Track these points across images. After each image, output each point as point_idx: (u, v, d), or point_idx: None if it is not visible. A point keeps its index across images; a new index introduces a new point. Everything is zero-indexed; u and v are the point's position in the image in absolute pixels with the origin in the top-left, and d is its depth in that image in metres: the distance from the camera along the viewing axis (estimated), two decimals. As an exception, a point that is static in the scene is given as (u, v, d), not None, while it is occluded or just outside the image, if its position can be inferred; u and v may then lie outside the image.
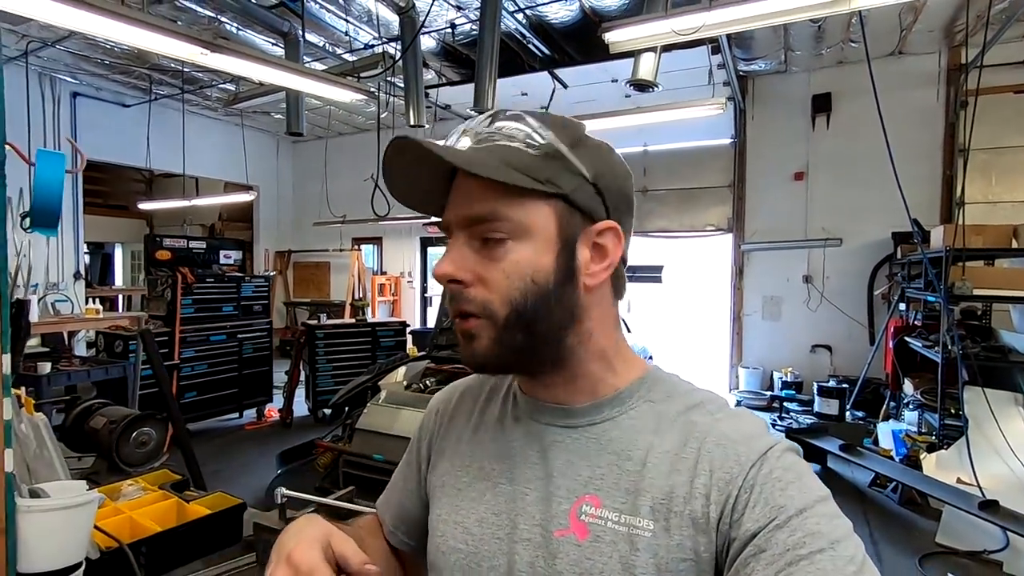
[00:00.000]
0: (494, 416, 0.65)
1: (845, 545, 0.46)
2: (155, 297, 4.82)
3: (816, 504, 0.48)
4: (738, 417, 0.57)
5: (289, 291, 10.51)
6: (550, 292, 0.54)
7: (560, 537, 0.54)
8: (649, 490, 0.53)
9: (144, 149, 7.39)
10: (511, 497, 0.59)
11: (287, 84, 3.01)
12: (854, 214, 6.27)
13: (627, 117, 4.12)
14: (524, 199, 0.53)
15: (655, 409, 0.58)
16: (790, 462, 0.52)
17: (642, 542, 0.51)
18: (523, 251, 0.54)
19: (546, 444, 0.59)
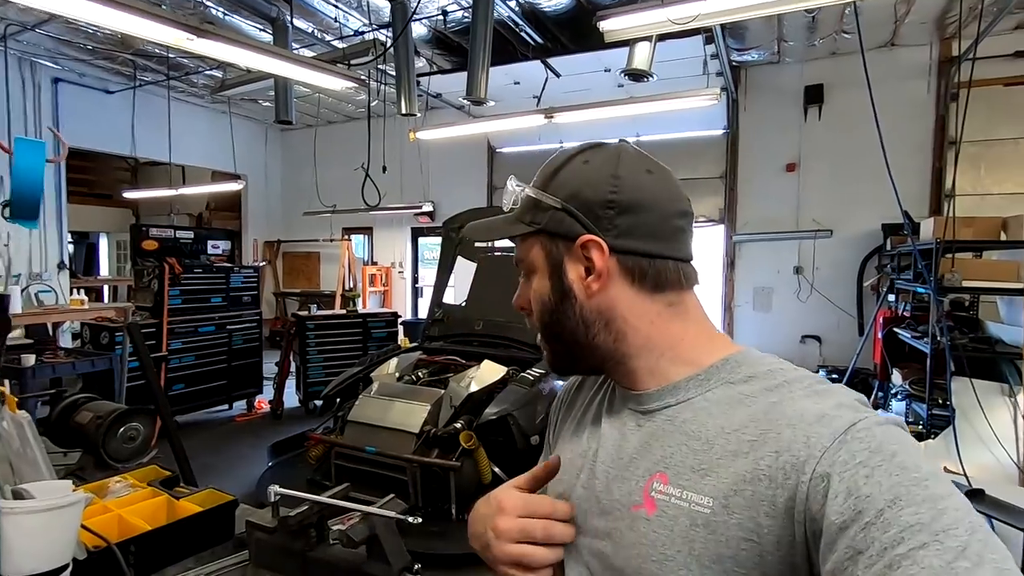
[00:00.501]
0: (598, 402, 0.72)
1: (954, 533, 0.40)
2: (142, 288, 4.74)
3: (912, 489, 0.43)
4: (823, 395, 0.55)
5: (279, 281, 10.41)
6: (555, 308, 0.65)
7: (635, 512, 0.59)
8: (715, 469, 0.54)
9: (129, 137, 7.25)
10: (596, 473, 0.65)
11: (275, 71, 2.95)
12: (845, 205, 6.30)
13: (619, 107, 4.09)
14: (525, 243, 0.67)
15: (733, 390, 0.59)
16: (879, 441, 0.47)
17: (701, 518, 0.53)
18: (536, 281, 0.67)
19: (628, 427, 0.65)
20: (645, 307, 0.64)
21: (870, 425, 0.49)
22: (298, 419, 5.23)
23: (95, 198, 11.04)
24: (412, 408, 3.30)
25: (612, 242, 0.62)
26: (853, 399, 0.54)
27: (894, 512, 0.43)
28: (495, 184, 8.40)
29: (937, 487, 0.44)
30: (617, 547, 0.60)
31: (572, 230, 0.63)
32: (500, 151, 8.33)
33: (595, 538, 0.63)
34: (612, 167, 0.64)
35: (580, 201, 0.63)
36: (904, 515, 0.42)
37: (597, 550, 0.62)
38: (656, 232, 0.63)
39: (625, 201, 0.62)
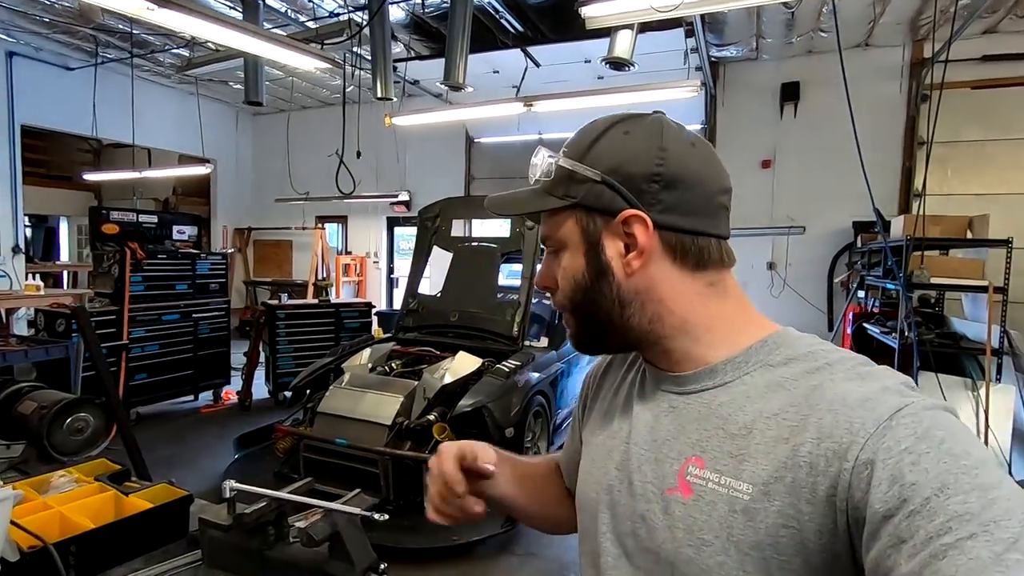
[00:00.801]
0: (629, 382, 0.71)
1: (1005, 525, 0.38)
2: (101, 273, 4.53)
3: (961, 477, 0.42)
4: (866, 378, 0.52)
5: (249, 270, 10.15)
6: (589, 287, 0.63)
7: (669, 495, 0.58)
8: (754, 455, 0.53)
9: (90, 116, 6.93)
10: (629, 455, 0.64)
11: (243, 47, 2.82)
12: (817, 202, 6.40)
13: (599, 97, 4.05)
14: (556, 217, 0.64)
15: (772, 373, 0.57)
16: (926, 427, 0.45)
17: (740, 504, 0.52)
18: (567, 258, 0.64)
19: (661, 409, 0.63)
20: (685, 286, 0.62)
21: (917, 410, 0.47)
22: (267, 410, 5.10)
23: (54, 180, 10.58)
24: (384, 399, 3.23)
25: (656, 217, 0.60)
26: (899, 382, 0.52)
27: (941, 501, 0.41)
28: (473, 174, 8.30)
29: (988, 476, 0.42)
30: (652, 530, 0.59)
31: (613, 204, 0.61)
32: (478, 141, 8.23)
33: (629, 520, 0.62)
34: (657, 139, 0.61)
35: (623, 174, 0.60)
36: (952, 504, 0.40)
37: (631, 531, 0.62)
38: (700, 208, 0.61)
39: (671, 175, 0.60)
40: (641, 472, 0.62)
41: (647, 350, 0.66)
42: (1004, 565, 0.36)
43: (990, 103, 5.72)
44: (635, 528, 0.61)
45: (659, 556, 0.58)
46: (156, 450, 4.16)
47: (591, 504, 0.67)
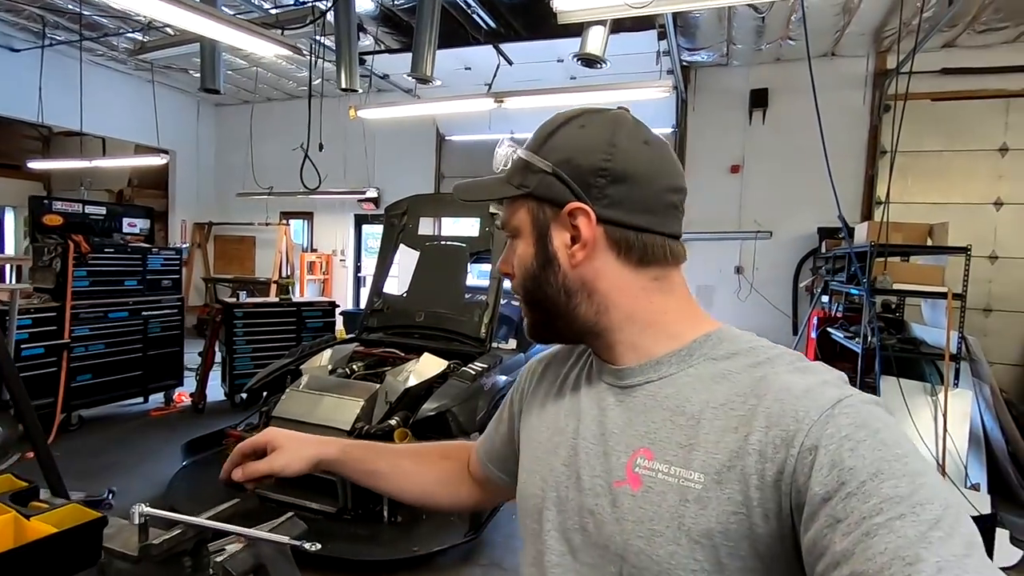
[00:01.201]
0: (574, 377, 0.71)
1: (929, 507, 0.42)
2: (41, 267, 4.24)
3: (894, 463, 0.45)
4: (807, 371, 0.55)
5: (209, 266, 9.78)
6: (537, 275, 0.64)
7: (618, 488, 0.58)
8: (703, 445, 0.54)
9: (36, 101, 6.53)
10: (576, 451, 0.63)
11: (197, 29, 2.64)
12: (784, 208, 6.49)
13: (571, 94, 3.98)
14: (513, 206, 0.66)
15: (716, 366, 0.59)
16: (864, 417, 0.48)
17: (692, 494, 0.53)
18: (520, 246, 0.65)
19: (608, 403, 0.64)
20: (629, 280, 0.63)
21: (855, 402, 0.50)
22: (222, 413, 4.87)
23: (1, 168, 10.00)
24: (343, 403, 3.09)
25: (600, 212, 0.61)
26: (835, 377, 0.55)
27: (875, 484, 0.43)
28: (443, 172, 8.17)
29: (916, 464, 0.45)
30: (600, 524, 0.59)
31: (561, 196, 0.62)
32: (449, 139, 8.10)
33: (577, 515, 0.62)
34: (608, 134, 0.62)
35: (572, 167, 0.61)
36: (884, 487, 0.43)
37: (579, 527, 0.61)
38: (647, 205, 0.62)
39: (618, 171, 0.61)
40: (589, 466, 0.62)
41: (594, 342, 0.66)
42: (927, 542, 0.39)
43: (949, 115, 5.89)
44: (583, 523, 0.61)
45: (607, 550, 0.58)
46: (101, 455, 3.93)
47: (536, 502, 0.67)
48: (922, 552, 0.39)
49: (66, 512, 1.11)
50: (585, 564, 0.60)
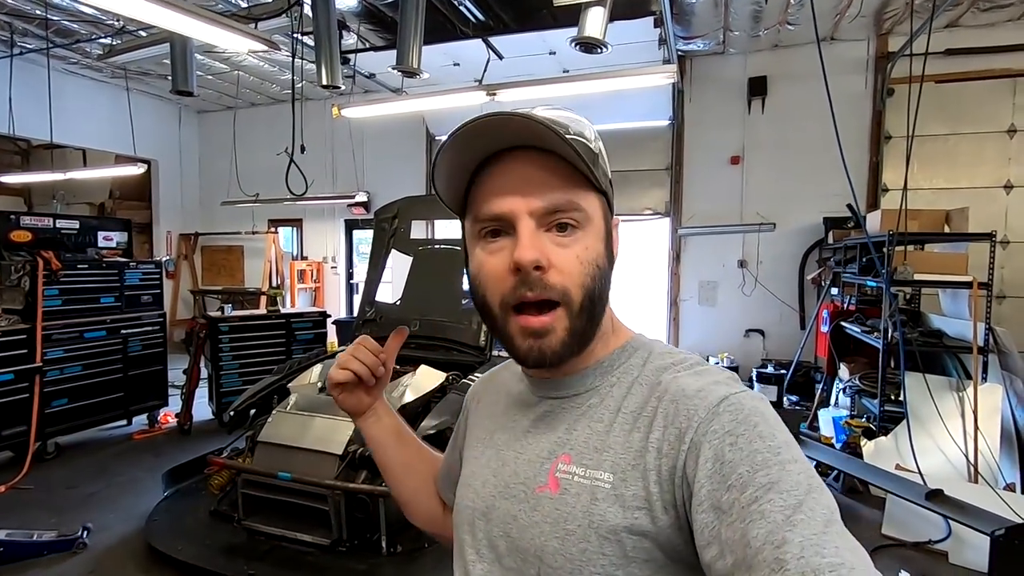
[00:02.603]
0: (512, 395, 0.74)
1: (794, 493, 0.46)
2: (9, 287, 3.97)
3: (768, 456, 0.49)
4: (701, 374, 0.59)
5: (197, 278, 9.50)
6: (607, 276, 0.63)
7: (540, 492, 0.61)
8: (612, 447, 0.58)
9: (6, 112, 6.25)
10: (506, 461, 0.67)
11: (158, 21, 2.40)
12: (787, 199, 6.30)
13: (567, 85, 3.76)
14: (589, 191, 0.61)
15: (631, 375, 0.63)
16: (746, 413, 0.53)
17: (601, 492, 0.56)
18: (589, 238, 0.60)
19: (538, 415, 0.67)
20: None
21: (739, 399, 0.54)
22: (210, 434, 4.62)
23: (-24, 184, 9.69)
24: (335, 424, 2.85)
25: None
26: (727, 377, 0.59)
27: (751, 476, 0.48)
28: (434, 174, 7.93)
29: (788, 453, 0.49)
30: (522, 528, 0.61)
31: (612, 207, 0.65)
32: (439, 138, 7.87)
33: (502, 523, 0.63)
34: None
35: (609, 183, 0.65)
36: (758, 477, 0.47)
37: (504, 533, 0.63)
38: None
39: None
40: (516, 474, 0.64)
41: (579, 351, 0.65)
42: (792, 524, 0.44)
43: (954, 98, 5.70)
44: (507, 530, 0.63)
45: (527, 553, 0.60)
46: (76, 487, 3.68)
47: (468, 514, 0.68)
48: (787, 535, 0.43)
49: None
50: (509, 569, 0.62)
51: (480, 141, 0.59)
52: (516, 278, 0.58)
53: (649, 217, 6.95)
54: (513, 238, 0.58)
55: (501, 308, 0.60)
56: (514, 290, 0.58)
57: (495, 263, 0.60)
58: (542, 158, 0.59)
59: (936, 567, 2.84)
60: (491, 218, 0.60)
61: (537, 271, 0.57)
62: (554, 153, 0.58)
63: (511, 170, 0.59)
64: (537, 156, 0.59)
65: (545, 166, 0.58)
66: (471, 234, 0.63)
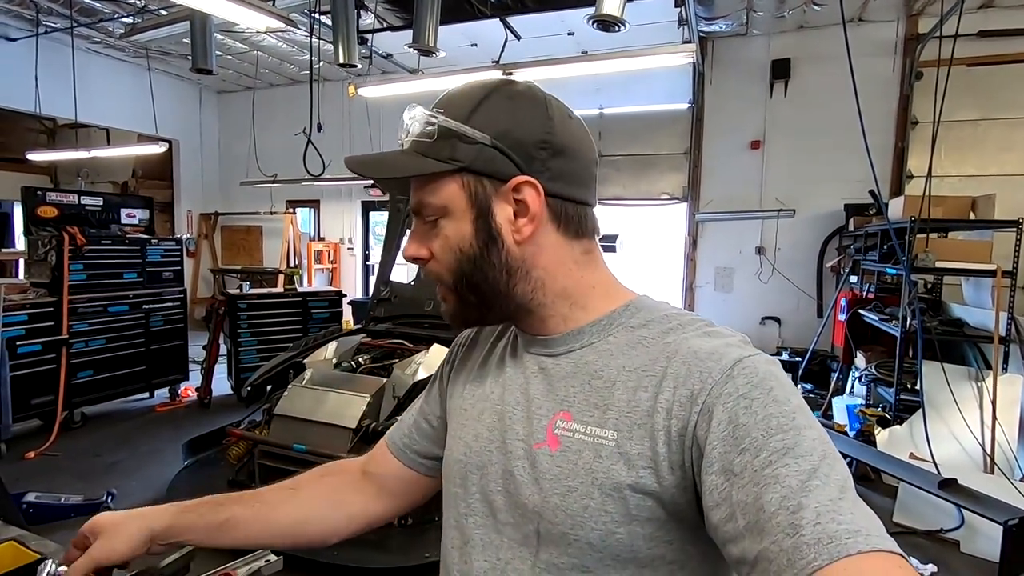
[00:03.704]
0: (499, 349, 0.73)
1: (809, 459, 0.46)
2: (36, 261, 4.09)
3: (783, 420, 0.49)
4: (712, 335, 0.59)
5: (217, 257, 9.66)
6: (477, 256, 0.62)
7: (537, 449, 0.61)
8: (616, 405, 0.58)
9: (33, 91, 6.37)
10: (501, 416, 0.66)
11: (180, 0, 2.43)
12: (807, 185, 6.18)
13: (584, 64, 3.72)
14: (437, 182, 0.61)
15: (633, 334, 0.62)
16: (760, 376, 0.52)
17: (605, 450, 0.57)
18: (448, 227, 0.62)
19: (532, 371, 0.66)
20: (565, 254, 0.64)
21: (754, 362, 0.54)
22: (229, 408, 4.74)
23: (7, 163, 9.91)
24: (349, 399, 2.90)
25: (545, 184, 0.61)
26: (739, 339, 0.59)
27: (765, 440, 0.48)
28: (451, 156, 7.92)
29: (802, 419, 0.49)
30: (520, 485, 0.61)
31: (504, 169, 0.60)
32: (456, 121, 7.83)
33: (500, 478, 0.64)
34: (543, 108, 0.62)
35: (512, 140, 0.60)
36: (773, 441, 0.47)
37: (502, 488, 0.63)
38: (581, 177, 0.64)
39: (558, 144, 0.61)
40: (513, 430, 0.64)
41: (524, 318, 0.66)
42: (808, 490, 0.44)
43: (985, 82, 5.52)
44: (505, 485, 0.63)
45: (526, 508, 0.60)
46: (103, 455, 3.81)
47: (460, 467, 0.68)
48: (803, 500, 0.43)
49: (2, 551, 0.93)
50: (506, 524, 0.63)
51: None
52: None
53: (666, 202, 6.88)
54: None
55: None
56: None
57: None
58: None
59: (947, 556, 2.83)
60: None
61: (419, 262, 0.65)
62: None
63: None
64: None
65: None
66: None
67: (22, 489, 2.94)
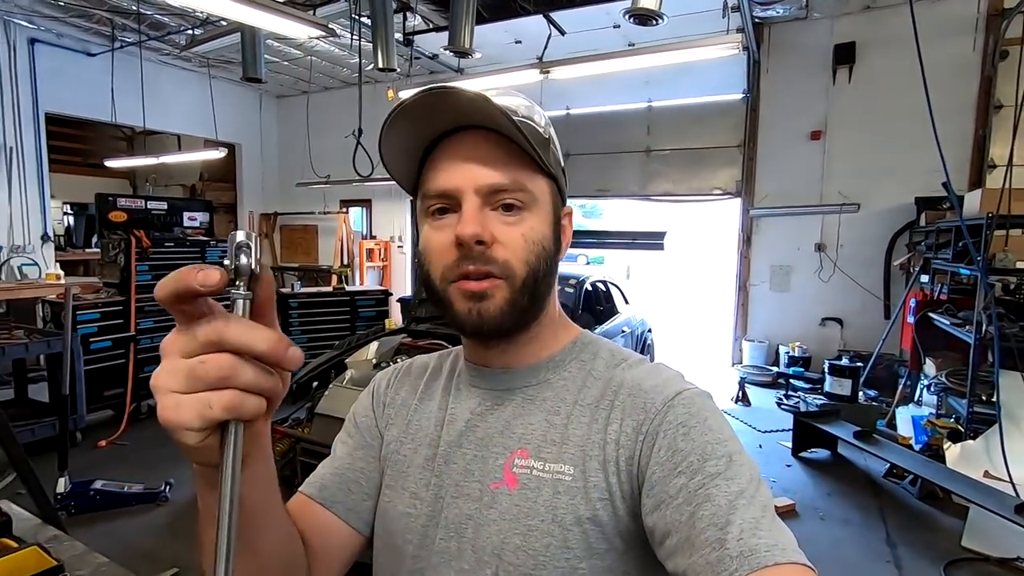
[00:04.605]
0: (439, 386, 0.70)
1: (738, 481, 0.49)
2: (108, 262, 4.40)
3: (716, 446, 0.52)
4: (654, 371, 0.62)
5: (276, 255, 10.10)
6: (553, 259, 0.62)
7: (495, 489, 0.60)
8: (571, 439, 0.59)
9: (109, 102, 6.85)
10: (452, 459, 0.64)
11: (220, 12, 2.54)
12: (874, 177, 5.79)
13: (625, 60, 3.60)
14: (537, 174, 0.61)
15: (584, 368, 0.65)
16: (696, 408, 0.56)
17: (563, 485, 0.57)
18: (533, 219, 0.60)
19: (483, 408, 0.65)
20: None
21: (691, 395, 0.57)
22: (282, 402, 4.93)
23: (91, 168, 10.72)
24: (386, 400, 2.95)
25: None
26: (676, 373, 0.62)
27: (701, 464, 0.51)
28: (497, 154, 7.93)
29: (732, 446, 0.53)
30: (478, 526, 0.60)
31: (563, 194, 0.65)
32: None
33: (454, 523, 0.61)
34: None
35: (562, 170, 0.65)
36: (707, 466, 0.50)
37: (456, 533, 0.61)
38: None
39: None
40: (465, 472, 0.62)
41: (517, 338, 0.64)
42: (734, 508, 0.47)
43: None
44: (460, 530, 0.61)
45: (484, 551, 0.59)
46: (162, 446, 4.05)
47: (407, 520, 0.64)
48: (730, 517, 0.46)
49: (23, 557, 0.98)
50: (461, 571, 0.60)
51: (430, 120, 0.58)
52: (459, 252, 0.57)
53: (718, 197, 6.61)
54: (459, 215, 0.58)
55: (442, 281, 0.59)
56: (457, 263, 0.57)
57: (440, 238, 0.59)
58: (491, 139, 0.58)
59: (1023, 586, 2.58)
60: (438, 195, 0.59)
61: (480, 246, 0.57)
62: (503, 135, 0.58)
63: (459, 148, 0.59)
64: (486, 137, 0.58)
65: (493, 146, 0.58)
66: (421, 211, 0.62)
67: (92, 476, 3.17)
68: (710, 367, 6.68)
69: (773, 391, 5.65)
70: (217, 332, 0.36)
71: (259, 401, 0.38)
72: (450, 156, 0.59)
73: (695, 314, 10.36)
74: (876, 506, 3.29)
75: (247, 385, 0.37)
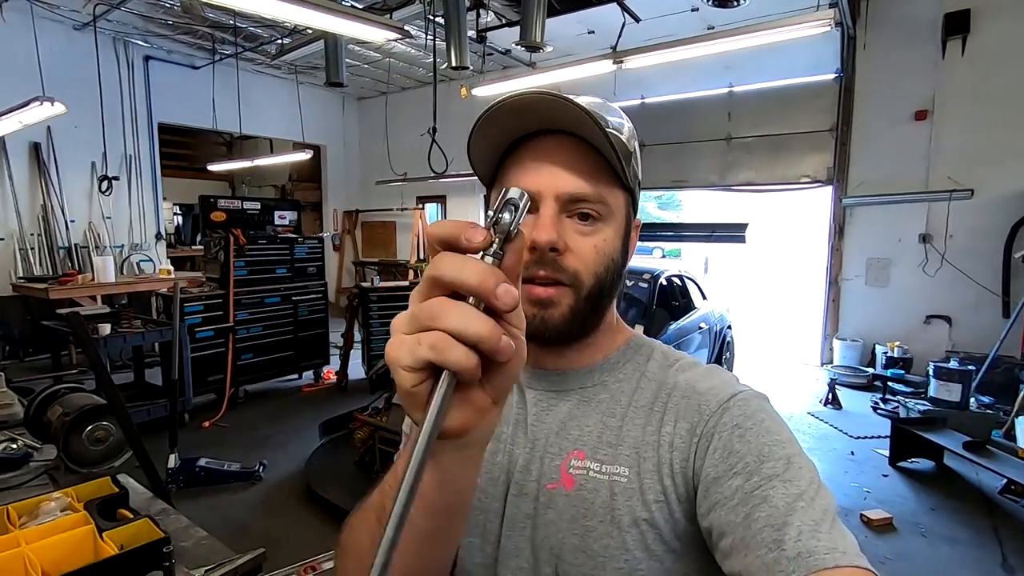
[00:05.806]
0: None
1: (797, 483, 0.48)
2: (209, 259, 4.80)
3: (773, 448, 0.51)
4: (707, 373, 0.62)
5: (358, 251, 10.59)
6: (620, 271, 0.63)
7: (552, 489, 0.61)
8: (626, 441, 0.60)
9: (210, 111, 7.46)
10: (512, 457, 0.65)
11: (299, 20, 2.68)
12: (991, 160, 5.19)
13: (702, 45, 3.43)
14: (616, 186, 0.61)
15: (638, 370, 0.65)
16: (752, 409, 0.56)
17: (619, 487, 0.58)
18: (607, 231, 0.61)
19: (542, 409, 0.66)
20: None
21: (746, 397, 0.57)
22: (362, 391, 5.17)
23: (197, 172, 11.73)
24: (458, 393, 3.02)
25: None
26: (730, 376, 0.62)
27: (758, 466, 0.50)
28: (570, 147, 7.85)
29: (791, 449, 0.52)
30: (537, 527, 0.60)
31: (636, 208, 0.66)
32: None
33: (516, 522, 0.62)
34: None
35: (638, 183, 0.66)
36: (764, 468, 0.50)
37: (515, 533, 0.62)
38: None
39: None
40: (527, 471, 0.63)
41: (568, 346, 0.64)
42: (793, 510, 0.46)
43: None
44: (520, 529, 0.61)
45: (543, 550, 0.59)
46: (257, 428, 4.38)
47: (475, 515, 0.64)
48: (788, 519, 0.46)
49: (137, 528, 1.08)
50: (521, 570, 0.60)
51: (521, 119, 0.58)
52: (531, 256, 0.57)
53: (807, 186, 6.20)
54: (536, 217, 0.57)
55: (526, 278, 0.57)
56: (526, 268, 0.56)
57: None
58: (577, 145, 0.58)
59: None
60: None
61: (552, 252, 0.57)
62: (589, 143, 0.58)
63: (544, 152, 0.59)
64: (572, 142, 0.58)
65: (578, 154, 0.58)
66: None
67: (197, 454, 3.48)
68: (796, 367, 6.29)
69: (868, 394, 5.24)
70: (436, 267, 0.34)
71: (466, 352, 0.33)
72: (535, 157, 0.59)
73: (779, 311, 9.80)
74: (990, 525, 2.97)
75: (453, 327, 0.33)
